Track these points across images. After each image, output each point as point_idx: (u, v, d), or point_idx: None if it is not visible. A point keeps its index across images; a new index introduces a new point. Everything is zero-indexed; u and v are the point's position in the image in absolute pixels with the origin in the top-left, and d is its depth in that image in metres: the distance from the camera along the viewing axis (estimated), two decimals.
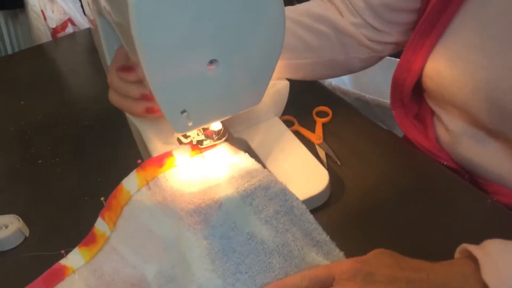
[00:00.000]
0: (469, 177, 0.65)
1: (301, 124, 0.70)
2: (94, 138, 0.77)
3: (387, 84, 0.71)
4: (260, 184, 0.47)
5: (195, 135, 0.53)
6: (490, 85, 0.55)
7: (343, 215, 0.55)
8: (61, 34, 1.23)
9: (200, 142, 0.53)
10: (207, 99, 0.43)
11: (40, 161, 0.73)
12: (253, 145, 0.61)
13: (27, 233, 0.60)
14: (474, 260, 0.41)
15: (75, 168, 0.71)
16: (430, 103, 0.69)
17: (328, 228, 0.55)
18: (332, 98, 0.77)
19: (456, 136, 0.64)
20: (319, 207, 0.57)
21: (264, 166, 0.54)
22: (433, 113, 0.69)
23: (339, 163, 0.63)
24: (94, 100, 0.87)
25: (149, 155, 0.59)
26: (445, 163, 0.65)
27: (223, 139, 0.53)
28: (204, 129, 0.52)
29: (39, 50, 1.08)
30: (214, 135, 0.53)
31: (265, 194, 0.47)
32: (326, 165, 0.63)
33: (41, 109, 0.85)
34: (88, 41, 1.10)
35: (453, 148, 0.66)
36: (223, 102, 0.45)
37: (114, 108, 0.80)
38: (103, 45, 0.58)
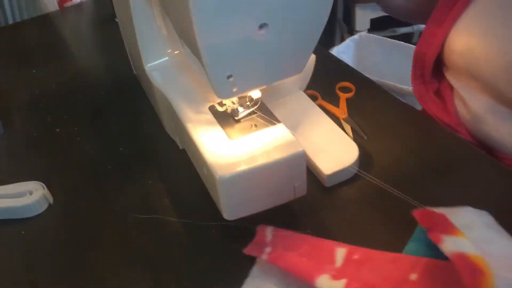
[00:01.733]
0: (487, 152, 0.65)
1: (325, 99, 0.70)
2: (112, 107, 0.75)
3: (389, 68, 0.71)
4: None
5: (230, 103, 0.52)
6: None
7: (372, 187, 0.56)
8: (68, 4, 1.20)
9: (235, 111, 0.53)
10: (254, 64, 0.43)
11: (58, 129, 0.72)
12: (280, 118, 0.61)
13: (51, 200, 0.60)
14: None
15: (95, 137, 0.70)
16: (450, 79, 0.69)
17: (358, 201, 0.56)
18: (354, 74, 0.76)
19: (478, 112, 0.65)
20: (349, 179, 0.58)
21: None
22: (452, 89, 0.70)
23: (365, 137, 0.63)
24: (108, 70, 0.85)
25: (177, 125, 0.59)
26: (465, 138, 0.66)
27: (256, 106, 0.53)
28: (239, 98, 0.52)
29: (46, 20, 1.06)
30: (249, 103, 0.52)
31: None
32: (352, 139, 0.63)
33: (54, 78, 0.84)
34: (96, 11, 1.08)
35: (473, 124, 0.66)
36: (269, 68, 0.44)
37: (130, 78, 0.79)
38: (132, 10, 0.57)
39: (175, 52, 0.65)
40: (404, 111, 0.68)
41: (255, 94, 0.50)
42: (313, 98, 0.69)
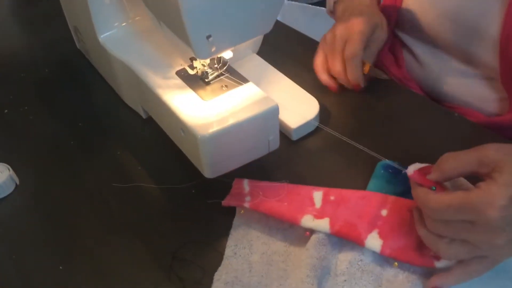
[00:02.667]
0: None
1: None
2: (59, 84, 0.73)
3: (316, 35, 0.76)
4: None
5: (200, 66, 0.54)
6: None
7: (332, 137, 0.60)
8: None
9: (204, 74, 0.54)
10: (230, 23, 0.44)
11: (6, 110, 0.68)
12: None
13: (17, 181, 0.58)
14: None
15: (50, 115, 0.68)
16: (399, 34, 0.75)
17: (322, 150, 0.60)
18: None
19: (424, 64, 0.72)
20: (311, 133, 0.62)
21: None
22: (402, 44, 0.76)
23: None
24: (46, 46, 0.82)
25: (142, 94, 0.59)
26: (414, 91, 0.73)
27: (224, 68, 0.55)
28: (210, 60, 0.54)
29: None
30: (217, 65, 0.54)
31: None
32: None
33: None
34: None
35: (422, 77, 0.73)
36: (243, 27, 0.46)
37: (72, 52, 0.77)
38: None
39: (128, 22, 0.64)
40: None
41: (227, 54, 0.52)
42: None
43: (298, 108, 0.61)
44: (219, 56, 0.53)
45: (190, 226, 0.53)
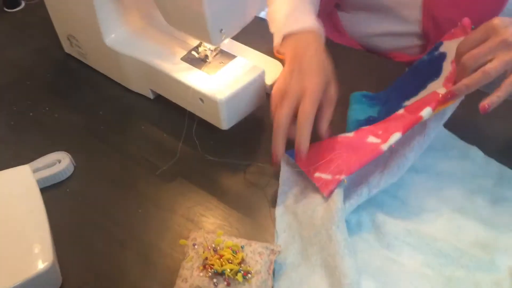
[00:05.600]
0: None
1: None
2: (64, 84, 0.88)
3: None
4: None
5: (203, 50, 0.74)
6: None
7: None
8: None
9: (206, 56, 0.74)
10: (235, 18, 0.65)
11: (31, 113, 0.83)
12: None
13: (74, 163, 0.74)
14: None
15: (71, 109, 0.83)
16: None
17: None
18: None
19: (360, 25, 0.94)
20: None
21: None
22: (340, 10, 0.96)
23: None
24: (38, 56, 0.94)
25: (154, 78, 0.77)
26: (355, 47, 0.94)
27: (218, 50, 0.75)
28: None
29: None
30: (211, 48, 0.74)
31: None
32: None
33: None
34: None
35: (357, 34, 0.95)
36: (242, 17, 0.67)
37: (65, 57, 0.90)
38: None
39: (126, 24, 0.81)
40: None
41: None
42: None
43: (268, 69, 0.83)
44: None
45: (241, 191, 0.73)
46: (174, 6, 0.65)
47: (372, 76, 0.85)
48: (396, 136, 0.61)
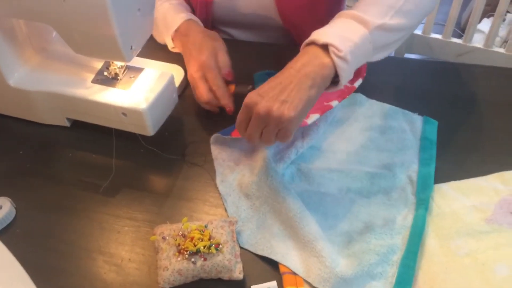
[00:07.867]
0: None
1: None
2: None
3: None
4: None
5: (113, 68, 0.79)
6: None
7: None
8: None
9: (117, 74, 0.80)
10: (140, 35, 0.72)
11: None
12: None
13: (15, 206, 0.75)
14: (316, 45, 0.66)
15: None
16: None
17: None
18: None
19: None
20: (188, 86, 0.93)
21: None
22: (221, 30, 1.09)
23: None
24: None
25: (68, 107, 0.80)
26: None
27: (125, 66, 0.81)
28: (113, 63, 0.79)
29: None
30: (120, 66, 0.80)
31: None
32: None
33: None
34: None
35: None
36: (145, 34, 0.74)
37: None
38: None
39: (26, 61, 0.82)
40: None
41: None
42: None
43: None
44: None
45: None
46: (84, 35, 0.70)
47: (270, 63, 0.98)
48: (315, 117, 0.76)
